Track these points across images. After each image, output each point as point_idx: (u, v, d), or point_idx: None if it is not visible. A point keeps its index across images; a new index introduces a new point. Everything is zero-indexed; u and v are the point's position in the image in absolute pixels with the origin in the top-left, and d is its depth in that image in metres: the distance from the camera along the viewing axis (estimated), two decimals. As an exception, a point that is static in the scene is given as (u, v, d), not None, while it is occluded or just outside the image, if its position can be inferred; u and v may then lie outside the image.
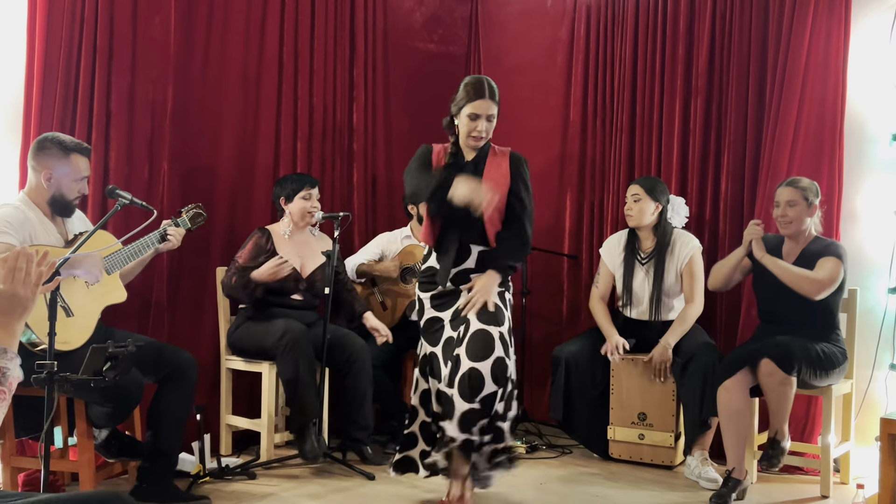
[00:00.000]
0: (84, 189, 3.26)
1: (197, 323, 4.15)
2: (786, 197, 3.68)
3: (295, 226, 4.05)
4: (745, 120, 4.31)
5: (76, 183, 3.21)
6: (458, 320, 3.19)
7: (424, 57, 5.22)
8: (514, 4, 5.27)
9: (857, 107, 4.07)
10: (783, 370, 3.38)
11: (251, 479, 3.69)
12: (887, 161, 4.03)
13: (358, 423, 4.00)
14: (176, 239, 3.40)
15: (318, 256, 4.10)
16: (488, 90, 3.14)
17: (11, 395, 1.62)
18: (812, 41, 4.03)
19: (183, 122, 4.08)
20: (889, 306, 3.95)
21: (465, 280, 3.22)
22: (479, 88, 3.14)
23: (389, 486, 3.66)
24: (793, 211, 3.66)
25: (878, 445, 3.19)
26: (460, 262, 3.23)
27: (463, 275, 3.24)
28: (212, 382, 4.14)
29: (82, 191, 3.25)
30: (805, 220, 3.68)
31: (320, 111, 4.63)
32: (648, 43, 4.66)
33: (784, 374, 3.38)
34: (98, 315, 3.20)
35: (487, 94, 3.14)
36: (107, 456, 3.34)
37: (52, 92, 3.61)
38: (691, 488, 3.73)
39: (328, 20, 4.66)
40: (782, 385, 3.41)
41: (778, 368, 3.38)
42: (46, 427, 2.44)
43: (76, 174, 3.19)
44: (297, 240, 4.08)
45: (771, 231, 3.92)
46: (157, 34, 3.98)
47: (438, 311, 3.28)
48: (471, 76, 3.26)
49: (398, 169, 5.07)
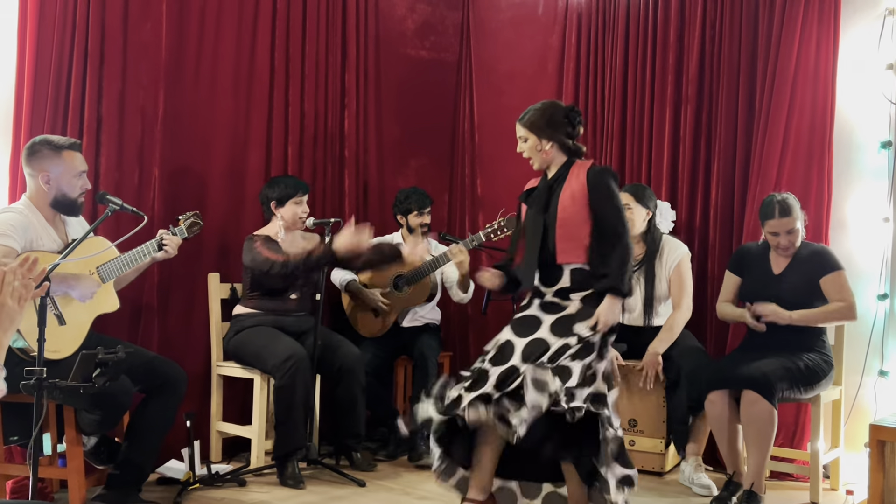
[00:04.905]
0: (86, 184, 3.25)
1: (188, 329, 4.13)
2: (786, 227, 3.62)
3: (286, 231, 4.05)
4: (735, 128, 4.33)
5: (76, 179, 3.19)
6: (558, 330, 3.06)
7: (416, 64, 5.23)
8: (505, 12, 5.29)
9: (847, 114, 4.09)
10: (766, 399, 3.36)
11: (241, 486, 3.68)
12: (876, 168, 4.05)
13: (349, 430, 3.99)
14: (172, 248, 3.38)
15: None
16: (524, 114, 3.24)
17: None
18: (801, 49, 4.05)
19: (174, 127, 4.08)
20: (878, 313, 3.97)
21: (566, 299, 3.11)
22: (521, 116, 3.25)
23: (381, 494, 3.65)
24: (792, 237, 3.64)
25: (867, 452, 3.20)
26: (554, 283, 3.14)
27: (562, 294, 3.13)
28: (202, 389, 4.12)
29: (84, 186, 3.24)
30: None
31: (312, 117, 4.63)
32: (639, 51, 4.67)
33: (768, 404, 3.36)
34: (89, 324, 3.18)
35: (520, 119, 3.24)
36: (96, 462, 3.33)
37: (42, 97, 3.60)
38: (682, 494, 3.73)
39: (320, 26, 4.66)
40: (763, 415, 3.36)
41: (760, 397, 3.37)
42: (35, 434, 2.43)
43: (73, 170, 3.18)
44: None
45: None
46: (149, 40, 3.98)
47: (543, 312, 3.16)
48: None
49: (389, 175, 5.08)
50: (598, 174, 3.12)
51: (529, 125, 3.19)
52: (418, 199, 4.52)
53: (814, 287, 3.61)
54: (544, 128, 3.17)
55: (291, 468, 3.71)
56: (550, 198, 3.16)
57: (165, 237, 3.36)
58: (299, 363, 3.73)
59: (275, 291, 4.00)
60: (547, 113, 3.19)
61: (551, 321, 3.08)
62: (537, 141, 3.18)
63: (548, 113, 3.19)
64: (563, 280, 3.12)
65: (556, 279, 3.13)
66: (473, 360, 5.32)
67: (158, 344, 3.93)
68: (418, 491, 3.70)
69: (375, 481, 3.82)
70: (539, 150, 3.19)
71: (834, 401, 3.84)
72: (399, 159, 5.16)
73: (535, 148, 3.19)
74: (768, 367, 3.44)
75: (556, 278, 3.13)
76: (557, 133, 3.17)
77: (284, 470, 3.72)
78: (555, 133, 3.17)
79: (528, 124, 3.20)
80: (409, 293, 4.44)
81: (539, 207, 3.18)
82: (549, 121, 3.17)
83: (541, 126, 3.18)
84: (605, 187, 3.09)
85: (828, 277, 3.60)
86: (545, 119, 3.18)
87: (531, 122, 3.19)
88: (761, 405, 3.37)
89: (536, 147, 3.19)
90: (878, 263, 4.00)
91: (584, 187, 3.10)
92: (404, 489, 3.72)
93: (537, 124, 3.18)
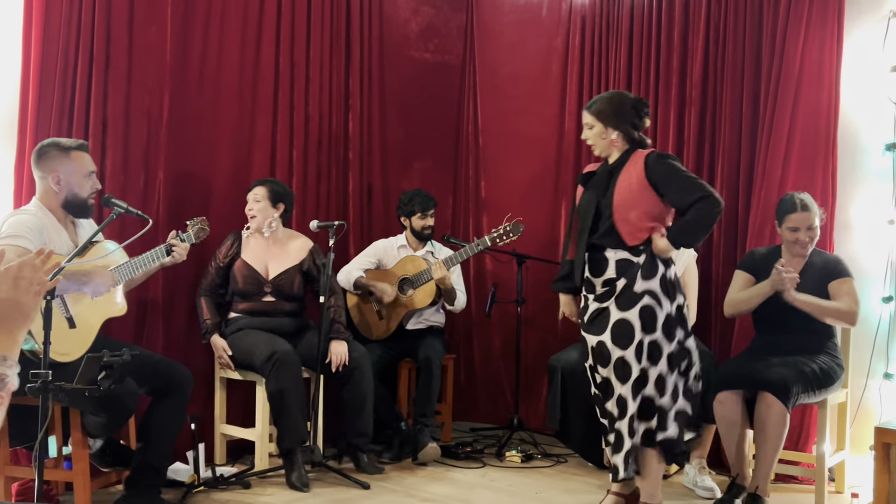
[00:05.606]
0: (95, 185, 3.27)
1: (192, 331, 4.13)
2: (806, 222, 3.60)
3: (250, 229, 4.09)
4: (739, 130, 4.33)
5: (85, 179, 3.22)
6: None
7: (420, 66, 5.24)
8: (509, 14, 5.30)
9: (851, 117, 4.09)
10: (782, 402, 3.35)
11: (245, 488, 3.68)
12: (880, 171, 4.05)
13: (357, 430, 3.99)
14: (180, 253, 3.40)
15: (289, 258, 4.08)
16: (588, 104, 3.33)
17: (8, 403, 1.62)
18: (805, 51, 4.05)
19: (179, 130, 4.09)
20: (883, 315, 3.96)
21: (613, 290, 3.20)
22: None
23: (385, 496, 3.65)
24: (812, 233, 3.63)
25: (872, 454, 3.19)
26: (601, 273, 3.24)
27: (609, 284, 3.22)
28: (206, 392, 4.13)
29: (94, 186, 3.26)
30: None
31: (316, 120, 4.64)
32: (643, 53, 4.68)
33: (783, 407, 3.35)
34: (98, 328, 3.19)
35: (586, 107, 3.32)
36: (101, 465, 3.33)
37: (48, 100, 3.61)
38: (686, 497, 3.73)
39: (324, 29, 4.67)
40: (778, 418, 3.35)
41: (777, 400, 3.35)
42: (41, 436, 2.43)
43: (82, 170, 3.21)
44: (265, 243, 4.07)
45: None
46: (154, 43, 3.99)
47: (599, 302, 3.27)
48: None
49: (393, 178, 5.08)
50: (656, 157, 3.22)
51: (596, 113, 3.26)
52: (422, 202, 4.53)
53: (823, 294, 3.58)
54: (611, 116, 3.24)
55: (297, 470, 3.71)
56: (609, 182, 3.24)
57: (174, 243, 3.38)
58: (282, 359, 3.73)
59: (246, 294, 4.01)
60: (615, 102, 3.26)
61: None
62: (603, 129, 3.25)
63: (615, 102, 3.26)
64: (608, 271, 3.21)
65: (603, 269, 3.23)
66: (477, 363, 5.39)
67: (163, 347, 3.93)
68: (423, 493, 3.70)
69: (380, 484, 3.82)
70: (604, 139, 3.26)
71: (840, 403, 3.84)
72: (403, 162, 5.17)
73: (601, 136, 3.26)
74: (785, 370, 3.42)
75: (603, 268, 3.22)
76: (623, 123, 3.24)
77: (291, 471, 3.72)
78: (621, 123, 3.24)
79: (595, 112, 3.27)
80: (414, 296, 4.45)
81: (598, 191, 3.26)
82: (616, 110, 3.24)
83: (608, 115, 3.25)
84: (665, 164, 3.19)
85: (837, 281, 3.59)
86: (612, 108, 3.24)
87: (598, 111, 3.26)
88: (777, 408, 3.35)
89: (601, 135, 3.26)
90: (882, 266, 3.99)
91: (641, 172, 3.18)
92: (408, 491, 3.72)
93: (604, 113, 3.25)
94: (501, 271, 5.08)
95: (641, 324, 3.14)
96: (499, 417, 5.07)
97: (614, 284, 3.20)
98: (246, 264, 4.02)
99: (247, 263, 4.03)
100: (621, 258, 3.21)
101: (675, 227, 3.20)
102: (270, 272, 4.05)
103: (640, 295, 3.16)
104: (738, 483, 3.49)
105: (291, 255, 4.10)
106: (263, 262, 4.05)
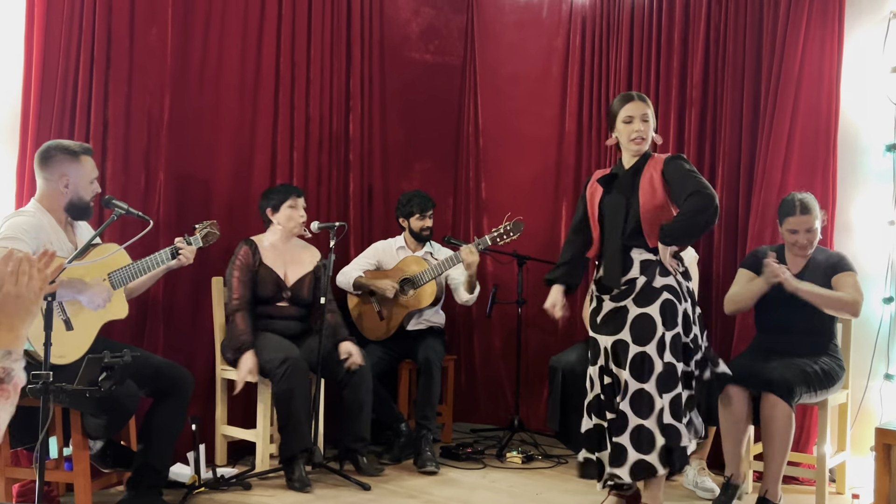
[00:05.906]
0: (97, 188, 3.29)
1: (192, 333, 4.14)
2: (805, 225, 3.61)
3: (283, 235, 4.07)
4: (739, 131, 4.33)
5: (91, 184, 3.24)
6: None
7: (420, 67, 5.24)
8: (509, 15, 5.30)
9: (851, 117, 4.09)
10: (786, 402, 3.35)
11: (246, 489, 3.68)
12: (881, 172, 4.05)
13: (355, 434, 3.99)
14: (187, 257, 3.40)
15: (303, 265, 4.11)
16: (637, 95, 3.39)
17: (17, 397, 1.63)
18: (805, 52, 4.05)
19: (179, 132, 4.09)
20: (883, 317, 3.96)
21: (632, 288, 3.24)
22: (627, 95, 3.39)
23: (386, 497, 3.66)
24: (811, 235, 3.64)
25: (873, 455, 3.19)
26: (624, 273, 3.27)
27: (629, 283, 3.26)
28: (207, 392, 4.13)
29: (95, 190, 3.28)
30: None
31: (316, 121, 4.64)
32: (643, 53, 4.68)
33: (788, 407, 3.35)
34: (97, 331, 3.20)
35: (637, 97, 3.36)
36: (102, 466, 3.33)
37: (49, 101, 3.62)
38: (687, 498, 3.73)
39: (324, 30, 4.67)
40: (784, 419, 3.35)
41: (780, 400, 3.35)
42: (42, 438, 2.43)
43: (89, 175, 3.24)
44: (283, 249, 4.10)
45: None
46: (155, 44, 3.99)
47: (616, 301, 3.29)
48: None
49: (394, 179, 5.08)
50: (672, 157, 3.32)
51: (653, 109, 3.37)
52: (420, 203, 4.53)
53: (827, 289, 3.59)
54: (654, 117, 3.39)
55: (298, 471, 3.71)
56: (633, 183, 3.30)
57: (181, 246, 3.37)
58: (294, 365, 3.74)
59: (264, 299, 4.02)
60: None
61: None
62: (653, 125, 3.34)
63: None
64: (632, 271, 3.26)
65: (628, 269, 3.27)
66: (478, 364, 5.39)
67: (164, 348, 3.94)
68: (423, 495, 3.71)
69: (380, 485, 3.82)
70: (649, 136, 3.33)
71: (840, 404, 3.83)
72: (403, 163, 5.17)
73: (650, 131, 3.33)
74: (788, 371, 3.42)
75: (628, 268, 3.27)
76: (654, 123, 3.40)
77: (292, 473, 3.72)
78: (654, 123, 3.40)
79: (652, 108, 3.36)
80: (414, 296, 4.45)
81: (625, 192, 3.31)
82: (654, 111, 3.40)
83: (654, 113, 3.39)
84: (676, 163, 3.27)
85: (841, 274, 3.59)
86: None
87: (653, 108, 3.37)
88: (781, 408, 3.35)
89: (650, 131, 3.33)
90: (883, 267, 3.99)
91: (660, 173, 3.26)
92: (409, 493, 3.73)
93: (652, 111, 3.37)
94: (502, 272, 5.08)
95: (662, 319, 3.17)
96: (499, 418, 5.07)
97: (634, 283, 3.24)
98: (270, 270, 4.03)
99: (270, 269, 4.03)
100: (645, 258, 3.26)
101: (667, 224, 3.22)
102: (289, 278, 4.06)
103: (660, 290, 3.20)
104: (732, 483, 3.48)
105: (305, 263, 4.12)
106: (283, 269, 4.07)
